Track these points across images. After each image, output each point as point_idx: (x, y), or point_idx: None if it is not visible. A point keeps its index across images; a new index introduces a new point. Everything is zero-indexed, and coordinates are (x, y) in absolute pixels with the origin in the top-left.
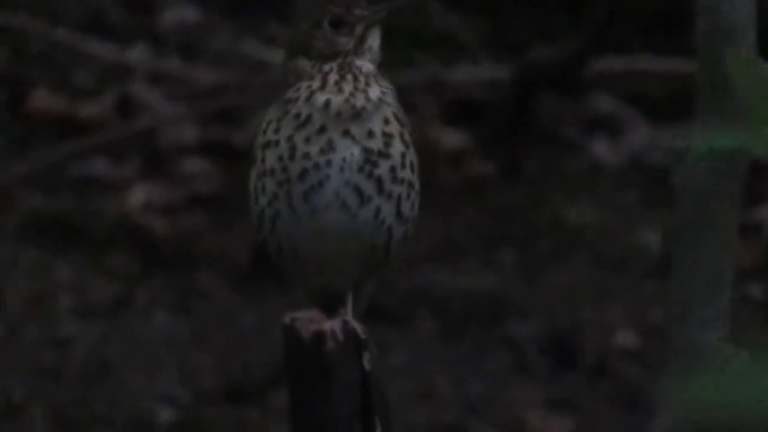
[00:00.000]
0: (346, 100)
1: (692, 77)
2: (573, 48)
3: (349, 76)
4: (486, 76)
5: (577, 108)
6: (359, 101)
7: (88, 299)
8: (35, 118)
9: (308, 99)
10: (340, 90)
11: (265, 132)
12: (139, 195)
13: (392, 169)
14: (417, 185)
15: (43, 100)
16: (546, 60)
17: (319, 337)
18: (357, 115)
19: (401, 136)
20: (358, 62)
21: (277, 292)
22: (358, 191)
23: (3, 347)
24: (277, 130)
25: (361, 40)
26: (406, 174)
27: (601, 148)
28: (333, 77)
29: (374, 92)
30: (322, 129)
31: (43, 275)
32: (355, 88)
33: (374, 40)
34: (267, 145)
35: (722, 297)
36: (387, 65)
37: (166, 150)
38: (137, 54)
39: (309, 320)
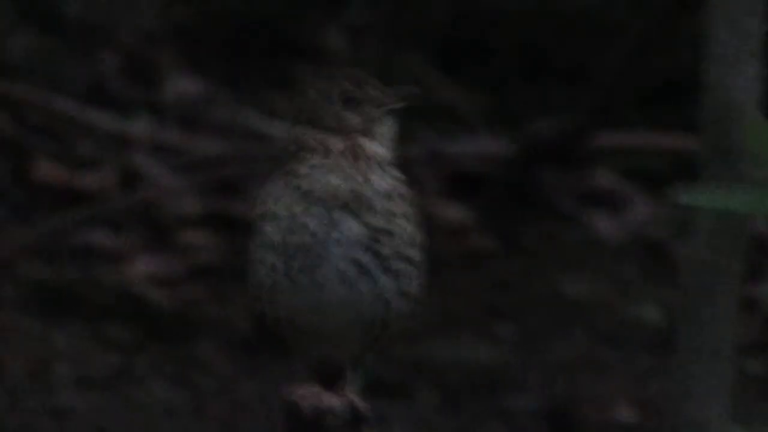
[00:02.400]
0: (352, 189)
1: (692, 152)
2: (573, 122)
3: (356, 159)
4: (486, 149)
5: (577, 181)
6: (366, 191)
7: (88, 369)
8: (37, 187)
9: (309, 174)
10: (346, 175)
11: (265, 203)
12: (140, 265)
13: (394, 245)
14: (420, 262)
15: (45, 169)
16: (546, 134)
17: (319, 411)
18: (358, 202)
19: (404, 213)
20: (367, 144)
21: (277, 364)
22: (358, 265)
23: (2, 416)
24: (277, 202)
25: (373, 122)
26: (408, 250)
27: (600, 222)
28: (338, 156)
29: (382, 185)
30: (323, 203)
31: (43, 344)
32: (364, 176)
33: (388, 126)
34: (267, 216)
35: (723, 372)
36: None
37: (167, 221)
38: (139, 124)
39: (309, 394)
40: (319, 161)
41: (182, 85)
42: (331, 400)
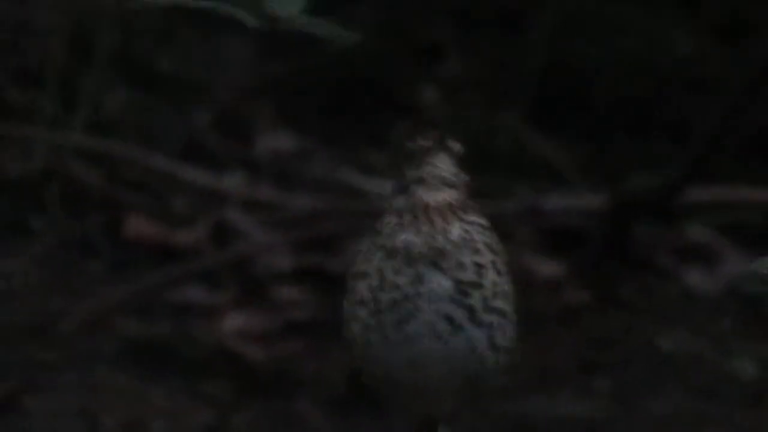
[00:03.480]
0: (426, 242)
1: None
2: (671, 178)
3: (421, 214)
4: (583, 204)
5: (673, 236)
6: (438, 243)
7: (183, 425)
8: (132, 243)
9: (390, 233)
10: (418, 230)
11: (356, 262)
12: (234, 322)
13: (484, 298)
14: (512, 314)
15: (139, 225)
16: (643, 189)
17: None
18: (438, 256)
19: (494, 264)
20: (422, 193)
21: (374, 420)
22: (450, 320)
23: None
24: (367, 261)
25: (418, 168)
26: (498, 303)
27: (695, 277)
28: (407, 215)
29: (455, 232)
30: (410, 261)
31: (138, 400)
32: (434, 227)
33: (438, 166)
34: (358, 275)
35: None
36: (482, 194)
37: (261, 277)
38: (233, 181)
39: None
40: (396, 219)
41: (277, 141)
42: None
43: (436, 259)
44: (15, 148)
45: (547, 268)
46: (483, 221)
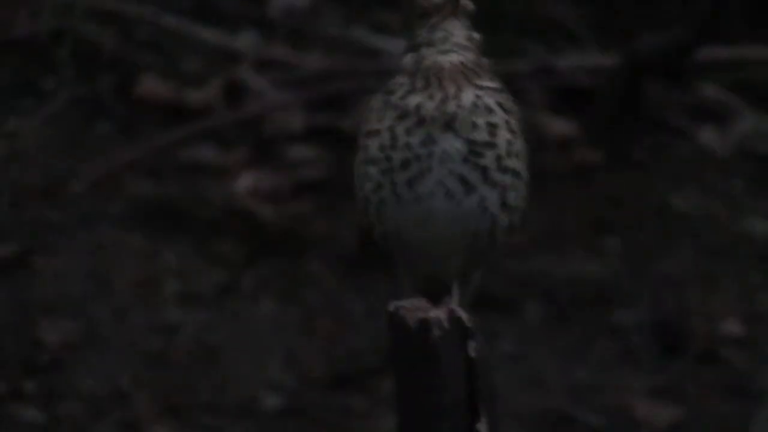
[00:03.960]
0: (438, 107)
1: None
2: (681, 36)
3: (434, 77)
4: (593, 64)
5: (684, 95)
6: (450, 107)
7: (194, 285)
8: (143, 103)
9: (403, 94)
10: (430, 95)
11: (368, 120)
12: (246, 181)
13: (498, 158)
14: (525, 174)
15: (150, 86)
16: (654, 47)
17: (425, 324)
18: (450, 121)
19: (507, 124)
20: (432, 55)
21: (385, 279)
22: (463, 180)
23: (109, 332)
24: (380, 119)
25: (432, 30)
26: (512, 162)
27: (708, 136)
28: (419, 78)
29: (467, 97)
30: (422, 121)
31: (150, 261)
32: (446, 93)
33: (452, 30)
34: (370, 133)
35: None
36: (493, 53)
37: (273, 136)
38: (245, 40)
39: (414, 308)
40: (408, 82)
41: (290, 0)
42: (436, 314)
43: (448, 122)
44: (24, 8)
45: (559, 126)
46: (496, 84)
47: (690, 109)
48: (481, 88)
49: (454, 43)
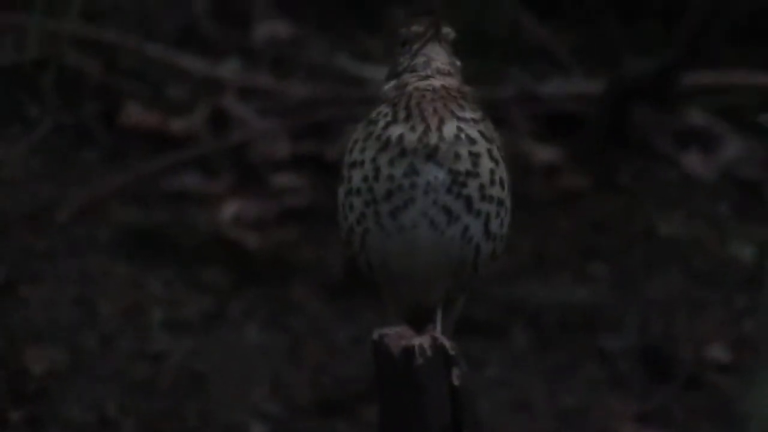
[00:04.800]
0: (419, 139)
1: None
2: (666, 61)
3: (415, 107)
4: (579, 90)
5: (670, 121)
6: (432, 140)
7: (181, 312)
8: (128, 131)
9: (385, 128)
10: (412, 127)
11: (351, 151)
12: (231, 209)
13: (481, 187)
14: (508, 202)
15: (136, 114)
16: (639, 73)
17: (408, 353)
18: (432, 151)
19: (489, 152)
20: (413, 81)
21: (370, 306)
22: (446, 210)
23: (96, 359)
24: (362, 150)
25: (413, 56)
26: (495, 191)
27: (693, 161)
28: (400, 108)
29: (449, 129)
30: (404, 153)
31: (136, 288)
32: (427, 125)
33: (433, 55)
34: (353, 165)
35: None
36: (478, 80)
37: (257, 164)
38: (230, 68)
39: (398, 336)
40: (390, 112)
41: (273, 28)
42: (419, 342)
43: (430, 153)
44: (10, 36)
45: (545, 153)
46: (477, 115)
47: (676, 134)
48: (463, 119)
49: (436, 69)
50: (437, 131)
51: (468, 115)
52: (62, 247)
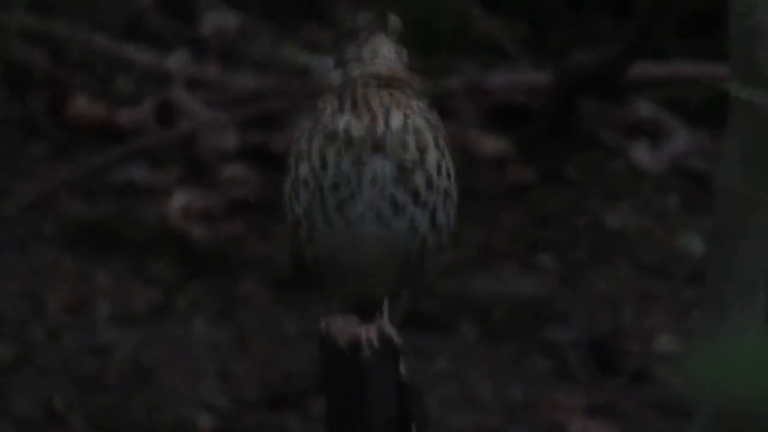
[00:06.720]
0: (366, 128)
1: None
2: (614, 52)
3: (361, 97)
4: (526, 81)
5: (618, 113)
6: (379, 129)
7: (128, 306)
8: (75, 124)
9: (332, 117)
10: (359, 116)
11: (298, 142)
12: (179, 201)
13: (428, 176)
14: (454, 193)
15: (82, 106)
16: (587, 64)
17: (355, 344)
18: (379, 142)
19: (435, 142)
20: (360, 71)
21: (317, 299)
22: (393, 202)
23: (43, 354)
24: (309, 141)
25: (360, 46)
26: (442, 182)
27: (641, 153)
28: (346, 97)
29: (395, 119)
30: (351, 143)
31: (83, 281)
32: (374, 114)
33: (380, 45)
34: (299, 156)
35: (756, 302)
36: (426, 72)
37: (205, 156)
38: (176, 60)
39: (344, 328)
40: (336, 103)
41: (220, 20)
42: (366, 332)
43: (377, 144)
44: None
45: (492, 145)
46: (423, 102)
47: (623, 125)
48: (409, 108)
49: (382, 58)
50: (383, 121)
51: (414, 104)
52: (9, 240)
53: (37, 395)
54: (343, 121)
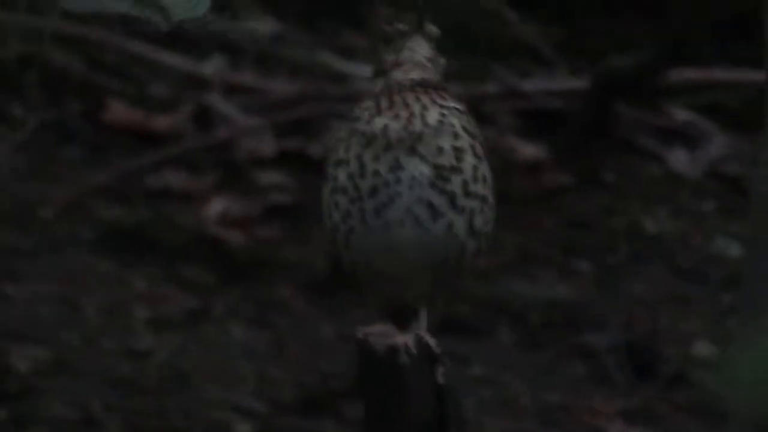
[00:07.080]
0: (404, 127)
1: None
2: (650, 57)
3: (398, 97)
4: (563, 86)
5: (654, 117)
6: (416, 126)
7: (164, 311)
8: (111, 129)
9: (369, 121)
10: (396, 115)
11: (335, 150)
12: (215, 206)
13: (464, 183)
14: (491, 199)
15: (119, 111)
16: (623, 69)
17: (393, 350)
18: (416, 140)
19: (472, 149)
20: (398, 77)
21: (354, 303)
22: (431, 207)
23: (79, 358)
24: (347, 149)
25: (396, 52)
26: (478, 188)
27: (678, 158)
28: (383, 99)
29: (432, 116)
30: (389, 147)
31: (119, 286)
32: (411, 112)
33: (416, 50)
34: (338, 163)
35: None
36: (463, 77)
37: (242, 161)
38: (213, 65)
39: (382, 334)
40: (373, 104)
41: (257, 25)
42: (404, 340)
43: (414, 143)
44: None
45: (528, 150)
46: (460, 105)
47: (660, 131)
48: (446, 107)
49: (419, 62)
50: (420, 117)
51: (451, 104)
52: (46, 245)
53: (74, 399)
54: (381, 122)
